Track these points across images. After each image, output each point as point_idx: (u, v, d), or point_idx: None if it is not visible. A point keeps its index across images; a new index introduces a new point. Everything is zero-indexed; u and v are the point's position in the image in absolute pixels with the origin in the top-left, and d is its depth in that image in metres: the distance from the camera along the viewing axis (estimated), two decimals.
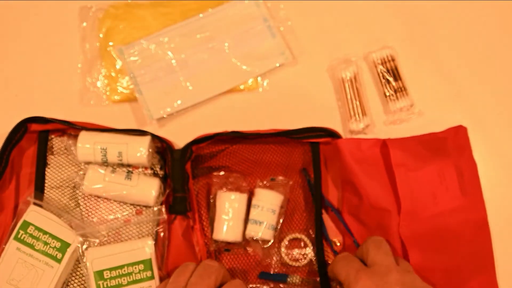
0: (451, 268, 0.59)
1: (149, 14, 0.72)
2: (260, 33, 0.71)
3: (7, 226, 0.61)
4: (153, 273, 0.59)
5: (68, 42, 0.72)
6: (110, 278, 0.57)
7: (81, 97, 0.69)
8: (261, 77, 0.70)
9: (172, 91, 0.68)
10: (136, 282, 0.58)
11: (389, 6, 0.73)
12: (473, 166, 0.64)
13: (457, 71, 0.71)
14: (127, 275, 0.58)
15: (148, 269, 0.58)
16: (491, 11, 0.73)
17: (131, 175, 0.62)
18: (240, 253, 0.62)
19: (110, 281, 0.57)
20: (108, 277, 0.57)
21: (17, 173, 0.64)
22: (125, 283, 0.58)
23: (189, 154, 0.62)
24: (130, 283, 0.58)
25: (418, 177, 0.61)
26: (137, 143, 0.61)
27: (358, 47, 0.71)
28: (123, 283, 0.58)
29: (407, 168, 0.61)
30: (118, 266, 0.58)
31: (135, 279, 0.58)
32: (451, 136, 0.65)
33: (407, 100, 0.68)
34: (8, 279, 0.57)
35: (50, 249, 0.58)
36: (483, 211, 0.62)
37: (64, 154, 0.65)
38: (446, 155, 0.63)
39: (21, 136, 0.64)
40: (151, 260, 0.59)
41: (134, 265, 0.58)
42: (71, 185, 0.64)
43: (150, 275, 0.58)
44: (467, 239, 0.60)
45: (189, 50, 0.70)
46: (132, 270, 0.58)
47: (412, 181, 0.60)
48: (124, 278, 0.58)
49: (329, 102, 0.69)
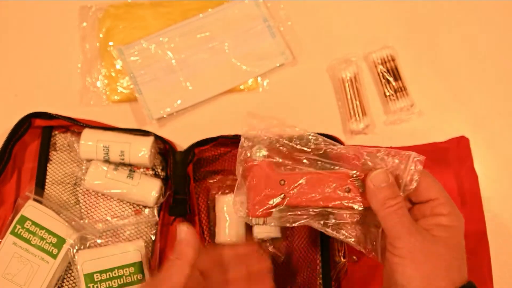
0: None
1: (149, 14, 0.72)
2: (260, 33, 0.71)
3: (7, 220, 0.61)
4: (144, 276, 0.58)
5: (68, 42, 0.72)
6: (101, 281, 0.57)
7: (81, 97, 0.69)
8: (261, 77, 0.70)
9: (172, 91, 0.68)
10: (127, 285, 0.58)
11: (389, 6, 0.73)
12: (473, 177, 0.64)
13: (457, 71, 0.71)
14: (117, 278, 0.58)
15: (139, 271, 0.58)
16: (491, 11, 0.73)
17: (133, 174, 0.62)
18: None
19: (100, 283, 0.57)
20: (98, 280, 0.57)
21: (19, 167, 0.64)
22: (116, 286, 0.57)
23: (191, 157, 0.62)
24: (120, 285, 0.58)
25: None
26: (140, 143, 0.61)
27: (358, 47, 0.71)
28: (113, 286, 0.57)
29: None
30: (108, 268, 0.58)
31: (126, 281, 0.58)
32: (453, 146, 0.65)
33: (407, 100, 0.68)
34: (3, 273, 0.57)
35: (46, 244, 0.58)
36: (482, 223, 0.62)
37: (67, 150, 0.65)
38: (447, 165, 0.63)
39: (25, 131, 0.64)
40: (141, 262, 0.59)
41: (125, 268, 0.58)
42: (72, 181, 0.64)
43: (141, 278, 0.58)
44: (466, 250, 0.60)
45: (189, 50, 0.70)
46: (122, 273, 0.58)
47: None
48: (115, 280, 0.58)
49: (329, 102, 0.69)
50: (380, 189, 0.43)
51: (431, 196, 0.44)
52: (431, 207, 0.44)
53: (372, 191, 0.44)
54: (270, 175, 0.46)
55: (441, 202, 0.44)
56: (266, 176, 0.46)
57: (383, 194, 0.43)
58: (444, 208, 0.44)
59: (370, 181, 0.44)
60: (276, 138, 0.47)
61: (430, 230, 0.43)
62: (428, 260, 0.42)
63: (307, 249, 0.63)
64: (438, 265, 0.42)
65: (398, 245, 0.42)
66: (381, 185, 0.43)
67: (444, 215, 0.44)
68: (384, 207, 0.43)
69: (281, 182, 0.46)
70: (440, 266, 0.42)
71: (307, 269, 0.62)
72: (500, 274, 0.62)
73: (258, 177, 0.46)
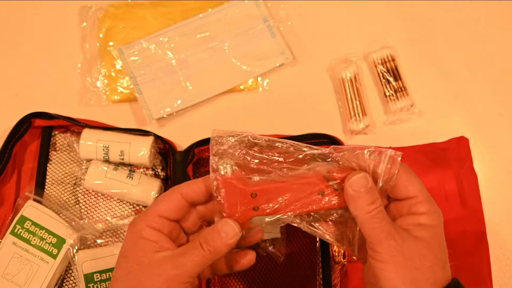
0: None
1: (149, 14, 0.72)
2: (260, 33, 0.71)
3: (7, 220, 0.61)
4: None
5: (68, 42, 0.72)
6: (101, 281, 0.57)
7: (81, 97, 0.69)
8: (261, 77, 0.70)
9: (172, 91, 0.68)
10: None
11: (389, 6, 0.73)
12: (473, 178, 0.64)
13: (457, 71, 0.71)
14: None
15: None
16: (491, 11, 0.73)
17: (132, 174, 0.62)
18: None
19: (100, 284, 0.57)
20: (98, 280, 0.57)
21: (19, 167, 0.64)
22: None
23: (191, 157, 0.62)
24: None
25: None
26: (140, 143, 0.61)
27: (358, 47, 0.71)
28: None
29: None
30: (108, 268, 0.58)
31: None
32: (453, 146, 0.65)
33: (407, 100, 0.68)
34: (3, 273, 0.57)
35: (46, 244, 0.58)
36: (482, 223, 0.62)
37: (67, 150, 0.65)
38: (447, 165, 0.63)
39: (25, 131, 0.64)
40: None
41: None
42: (71, 181, 0.64)
43: None
44: (465, 250, 0.60)
45: (189, 50, 0.70)
46: None
47: None
48: None
49: (329, 102, 0.69)
50: (359, 194, 0.41)
51: (410, 194, 0.43)
52: (409, 205, 0.43)
53: (351, 196, 0.42)
54: (240, 189, 0.44)
55: (419, 200, 0.42)
56: (236, 191, 0.44)
57: (362, 199, 0.41)
58: (423, 206, 0.42)
59: (349, 186, 0.42)
60: (246, 151, 0.46)
61: (410, 231, 0.42)
62: (411, 263, 0.40)
63: (307, 249, 0.63)
64: (422, 266, 0.41)
65: (379, 250, 0.41)
66: (360, 190, 0.41)
67: (423, 213, 0.42)
68: (363, 212, 0.41)
69: (253, 195, 0.44)
70: (424, 268, 0.41)
71: (307, 269, 0.62)
72: (500, 274, 0.62)
73: (228, 194, 0.44)
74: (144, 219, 0.43)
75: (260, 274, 0.62)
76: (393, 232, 0.41)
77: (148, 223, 0.43)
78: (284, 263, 0.62)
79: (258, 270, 0.62)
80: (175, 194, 0.44)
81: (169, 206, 0.44)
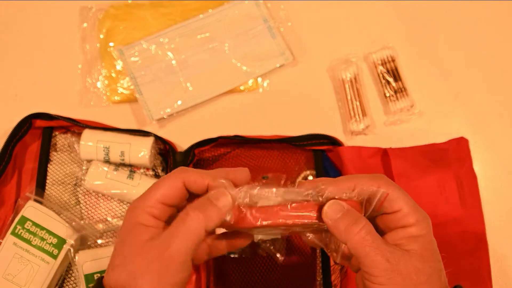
0: (448, 280, 0.59)
1: (149, 14, 0.72)
2: (260, 33, 0.71)
3: (7, 221, 0.61)
4: None
5: (68, 42, 0.72)
6: None
7: (81, 98, 0.69)
8: (261, 77, 0.70)
9: (172, 92, 0.69)
10: None
11: (389, 6, 0.73)
12: (473, 178, 0.64)
13: (457, 71, 0.71)
14: None
15: None
16: (491, 11, 0.73)
17: (133, 175, 0.62)
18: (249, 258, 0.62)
19: None
20: None
21: (20, 168, 0.64)
22: None
23: (191, 157, 0.62)
24: None
25: (418, 187, 0.61)
26: (140, 144, 0.62)
27: (358, 48, 0.71)
28: None
29: (408, 178, 0.61)
30: None
31: None
32: (452, 147, 0.65)
33: (407, 100, 0.68)
34: (4, 273, 0.57)
35: (47, 245, 0.58)
36: (481, 224, 0.62)
37: (67, 151, 0.65)
38: (447, 166, 0.63)
39: (26, 132, 0.64)
40: None
41: None
42: (72, 182, 0.64)
43: None
44: (465, 251, 0.60)
45: (189, 51, 0.70)
46: None
47: (413, 191, 0.60)
48: None
49: (329, 103, 0.69)
50: (337, 221, 0.41)
51: (394, 208, 0.42)
52: (396, 218, 0.42)
53: (332, 226, 0.41)
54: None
55: (406, 212, 0.42)
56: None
57: (343, 223, 0.40)
58: (411, 217, 0.41)
59: (325, 217, 0.41)
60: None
61: (401, 245, 0.41)
62: (408, 281, 0.40)
63: (307, 249, 0.63)
64: (419, 281, 0.40)
65: (376, 273, 0.40)
66: (337, 217, 0.41)
67: (412, 225, 0.41)
68: (350, 235, 0.40)
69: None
70: (421, 283, 0.40)
71: (307, 269, 0.62)
72: (500, 275, 0.62)
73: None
74: (142, 205, 0.42)
75: (260, 274, 0.62)
76: (387, 254, 0.40)
77: (147, 209, 0.42)
78: (284, 263, 0.62)
79: (258, 270, 0.62)
80: (177, 181, 0.43)
81: (170, 192, 0.42)
